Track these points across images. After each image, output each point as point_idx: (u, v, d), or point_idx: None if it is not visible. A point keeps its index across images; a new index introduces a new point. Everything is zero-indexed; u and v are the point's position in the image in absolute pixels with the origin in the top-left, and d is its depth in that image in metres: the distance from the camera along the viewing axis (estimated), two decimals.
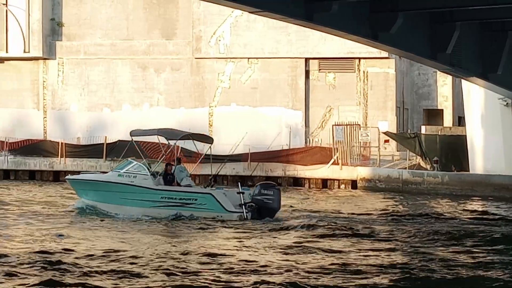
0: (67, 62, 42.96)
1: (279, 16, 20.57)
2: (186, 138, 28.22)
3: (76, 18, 43.35)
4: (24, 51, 42.63)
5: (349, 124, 37.39)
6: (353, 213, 26.20)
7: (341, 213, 26.43)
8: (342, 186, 36.03)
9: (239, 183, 26.61)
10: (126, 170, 25.59)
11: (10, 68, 43.40)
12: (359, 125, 38.14)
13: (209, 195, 24.49)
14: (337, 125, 37.53)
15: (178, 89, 41.90)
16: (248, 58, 41.11)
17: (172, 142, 27.84)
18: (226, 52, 41.10)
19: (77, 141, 41.08)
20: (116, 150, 38.72)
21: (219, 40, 41.01)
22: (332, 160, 36.12)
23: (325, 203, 30.46)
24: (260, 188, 24.53)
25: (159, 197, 24.82)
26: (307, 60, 41.00)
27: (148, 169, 25.30)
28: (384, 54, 37.42)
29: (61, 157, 39.19)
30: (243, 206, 24.13)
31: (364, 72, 40.71)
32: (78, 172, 32.13)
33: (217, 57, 41.34)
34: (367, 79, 40.76)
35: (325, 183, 36.44)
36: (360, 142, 36.84)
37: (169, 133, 28.18)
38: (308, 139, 40.86)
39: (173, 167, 25.54)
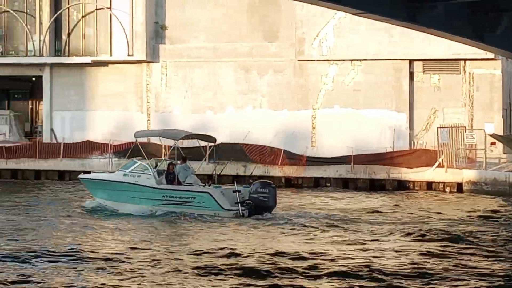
0: (170, 65, 44.37)
1: (381, 17, 21.30)
2: (189, 138, 30.76)
3: (179, 21, 44.72)
4: (128, 55, 44.25)
5: (454, 126, 37.72)
6: (457, 216, 26.69)
7: (445, 215, 26.97)
8: (447, 189, 36.40)
9: (235, 182, 28.23)
10: (131, 170, 27.63)
11: (114, 71, 45.08)
12: (465, 127, 38.41)
13: (206, 193, 26.29)
14: (442, 127, 37.93)
15: (281, 91, 42.83)
16: (351, 60, 41.75)
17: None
18: (329, 54, 41.86)
19: (181, 143, 42.28)
20: (219, 152, 40.11)
21: (322, 42, 41.81)
22: (437, 163, 36.54)
23: (430, 205, 30.96)
24: (256, 187, 26.29)
25: (160, 196, 26.70)
26: (411, 61, 41.44)
27: (153, 169, 27.11)
28: (490, 55, 37.58)
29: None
30: (239, 204, 25.85)
31: (469, 73, 40.90)
32: None
33: (320, 59, 42.09)
34: (472, 81, 40.93)
35: (429, 186, 36.91)
36: (466, 144, 37.09)
37: (171, 134, 30.60)
38: (412, 141, 41.23)
39: (177, 166, 27.36)
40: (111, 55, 44.83)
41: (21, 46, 46.91)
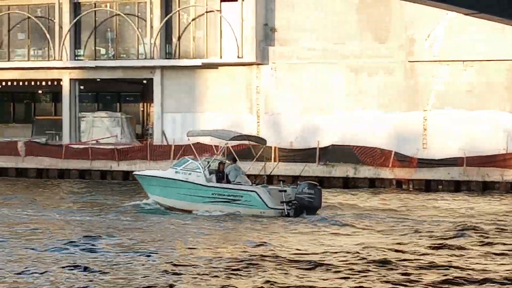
0: (279, 67, 45.17)
1: (496, 18, 21.40)
2: (240, 139, 32.31)
3: (288, 23, 45.48)
4: (238, 57, 45.27)
5: None
6: None
7: None
8: None
9: (281, 182, 28.93)
10: (182, 168, 29.17)
11: (224, 74, 46.14)
12: None
13: (253, 192, 27.60)
14: None
15: (391, 93, 43.11)
16: (463, 61, 41.72)
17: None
18: (440, 55, 41.91)
19: (290, 145, 43.16)
20: (329, 154, 40.87)
21: (433, 43, 41.92)
22: None
23: None
24: (303, 187, 27.42)
25: (210, 193, 28.23)
26: None
27: (204, 167, 28.54)
28: None
29: (274, 161, 41.43)
30: (285, 204, 27.08)
31: None
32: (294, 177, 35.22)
33: (431, 60, 42.19)
34: None
35: None
36: None
37: (221, 134, 31.74)
38: None
39: (229, 166, 28.89)
40: (221, 57, 45.94)
41: (132, 49, 48.67)
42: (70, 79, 48.84)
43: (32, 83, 50.94)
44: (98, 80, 49.80)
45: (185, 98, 46.66)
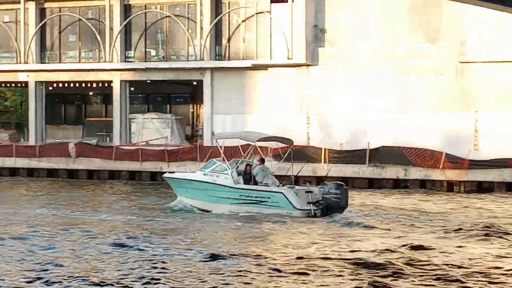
0: (329, 68, 45.32)
1: None
2: (267, 140, 32.86)
3: (338, 24, 45.63)
4: (288, 58, 45.56)
5: None
6: None
7: None
8: None
9: (307, 183, 29.73)
10: (211, 170, 29.85)
11: (274, 75, 46.41)
12: None
13: (280, 193, 28.06)
14: None
15: (442, 94, 43.01)
16: None
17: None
18: (491, 56, 41.67)
19: (340, 146, 43.28)
20: (379, 156, 40.97)
21: (484, 44, 41.70)
22: None
23: None
24: (329, 187, 27.92)
25: (237, 195, 28.76)
26: None
27: (231, 169, 29.05)
28: None
29: (324, 162, 41.63)
30: (311, 204, 27.51)
31: None
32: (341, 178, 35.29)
33: (482, 61, 41.96)
34: None
35: None
36: None
37: (248, 136, 32.80)
38: None
39: (257, 167, 29.49)
40: (270, 58, 46.26)
41: (182, 50, 49.23)
42: (121, 81, 49.51)
43: (83, 84, 51.76)
44: (149, 81, 50.44)
45: (235, 99, 47.01)
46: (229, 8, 47.65)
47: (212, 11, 47.67)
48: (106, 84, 50.66)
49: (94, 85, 51.66)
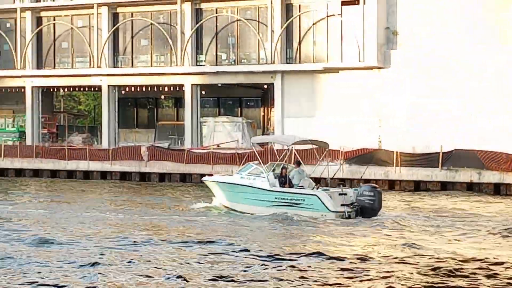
0: (401, 70, 45.20)
1: None
2: (302, 143, 33.14)
3: (410, 25, 45.51)
4: (359, 61, 45.60)
5: None
6: None
7: None
8: None
9: (340, 185, 30.03)
10: (247, 173, 30.72)
11: (345, 78, 46.47)
12: None
13: (314, 196, 28.65)
14: None
15: None
16: None
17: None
18: None
19: (412, 150, 43.13)
20: (452, 159, 40.73)
21: None
22: None
23: None
24: (363, 190, 28.66)
25: (273, 197, 29.43)
26: None
27: (267, 172, 29.90)
28: None
29: (396, 166, 41.58)
30: (345, 206, 28.14)
31: None
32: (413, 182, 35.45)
33: None
34: None
35: None
36: None
37: (283, 139, 34.24)
38: None
39: (293, 169, 30.30)
40: (341, 61, 46.37)
41: (253, 54, 49.68)
42: (192, 85, 50.18)
43: (155, 88, 52.61)
44: (220, 85, 51.01)
45: (305, 102, 47.25)
46: (299, 11, 47.95)
47: (282, 14, 48.03)
48: (177, 88, 51.41)
49: (166, 88, 52.47)
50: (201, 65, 50.55)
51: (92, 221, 27.72)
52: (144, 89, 52.90)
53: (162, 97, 57.68)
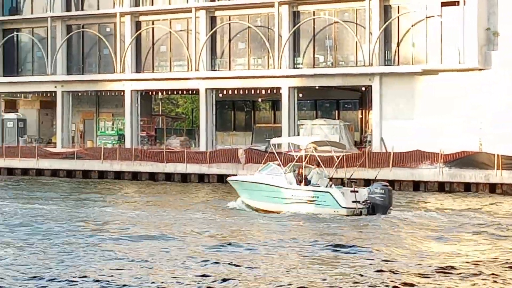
0: (502, 72, 44.90)
1: None
2: (319, 144, 35.79)
3: (510, 27, 45.14)
4: (459, 62, 45.49)
5: None
6: None
7: None
8: None
9: (352, 183, 31.39)
10: (267, 172, 32.88)
11: (444, 80, 46.39)
12: None
13: (327, 193, 30.64)
14: None
15: None
16: None
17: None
18: None
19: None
20: None
21: None
22: None
23: None
24: (374, 187, 30.48)
25: (290, 195, 31.39)
26: None
27: (286, 171, 31.98)
28: None
29: (497, 169, 41.42)
30: (357, 203, 29.93)
31: None
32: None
33: None
34: None
35: None
36: None
37: (299, 141, 36.41)
38: None
39: (312, 170, 32.07)
40: (441, 63, 46.36)
41: (351, 56, 50.14)
42: (289, 87, 50.91)
43: (252, 91, 53.57)
44: (317, 87, 51.64)
45: (404, 105, 47.39)
46: (398, 13, 48.22)
47: (381, 16, 48.38)
48: (274, 91, 52.24)
49: (263, 91, 53.36)
50: (298, 68, 51.28)
51: (197, 223, 28.72)
52: (241, 92, 53.91)
53: (259, 100, 58.67)
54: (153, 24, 56.24)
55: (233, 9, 53.20)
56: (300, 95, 52.13)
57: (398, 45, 48.50)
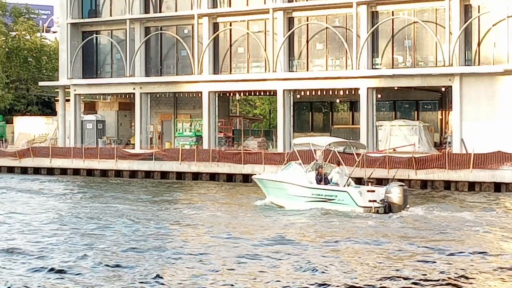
0: None
1: None
2: (339, 144, 38.89)
3: None
4: None
5: None
6: None
7: None
8: None
9: (369, 183, 33.01)
10: (289, 171, 34.91)
11: None
12: None
13: (345, 192, 32.50)
14: None
15: None
16: None
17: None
18: None
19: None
20: None
21: None
22: None
23: None
24: (390, 187, 32.21)
25: (310, 193, 33.40)
26: None
27: (307, 170, 33.98)
28: None
29: None
30: (373, 202, 31.63)
31: None
32: None
33: None
34: None
35: None
36: None
37: (319, 141, 37.96)
38: None
39: (333, 169, 34.07)
40: (507, 62, 46.30)
41: (430, 56, 50.40)
42: (367, 88, 51.30)
43: (330, 92, 54.14)
44: (396, 88, 51.97)
45: (484, 106, 47.40)
46: (478, 12, 48.30)
47: (461, 16, 48.55)
48: (353, 91, 52.74)
49: (341, 92, 53.88)
50: (377, 68, 51.69)
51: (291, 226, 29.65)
52: (319, 92, 54.55)
53: (338, 100, 59.20)
54: (230, 25, 57.28)
55: (310, 10, 53.90)
56: (379, 96, 52.46)
57: (478, 45, 48.57)
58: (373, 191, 32.25)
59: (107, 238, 25.66)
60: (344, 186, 33.23)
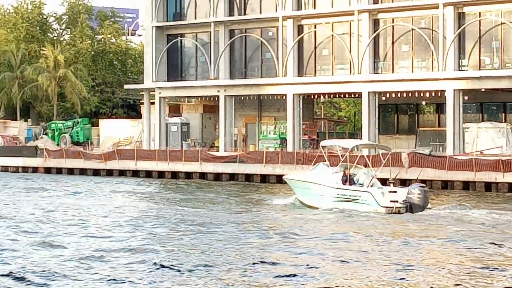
0: None
1: None
2: (364, 147, 43.44)
3: None
4: None
5: None
6: None
7: None
8: None
9: (391, 184, 34.66)
10: (316, 172, 36.87)
11: None
12: None
13: (368, 193, 33.97)
14: None
15: None
16: None
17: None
18: None
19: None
20: None
21: None
22: None
23: None
24: (412, 188, 33.68)
25: (335, 193, 35.11)
26: None
27: (333, 171, 35.77)
28: None
29: None
30: (394, 202, 33.05)
31: None
32: None
33: None
34: None
35: None
36: None
37: (345, 143, 40.77)
38: None
39: (360, 170, 35.87)
40: None
41: None
42: (454, 90, 51.58)
43: (416, 94, 54.67)
44: (483, 90, 52.21)
45: None
46: None
47: None
48: (439, 93, 53.14)
49: (427, 94, 54.36)
50: (464, 70, 52.00)
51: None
52: (404, 95, 55.05)
53: (424, 103, 59.59)
54: (315, 27, 58.21)
55: (396, 11, 54.50)
56: (466, 97, 52.64)
57: None
58: (395, 191, 33.81)
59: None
60: (368, 186, 34.66)
